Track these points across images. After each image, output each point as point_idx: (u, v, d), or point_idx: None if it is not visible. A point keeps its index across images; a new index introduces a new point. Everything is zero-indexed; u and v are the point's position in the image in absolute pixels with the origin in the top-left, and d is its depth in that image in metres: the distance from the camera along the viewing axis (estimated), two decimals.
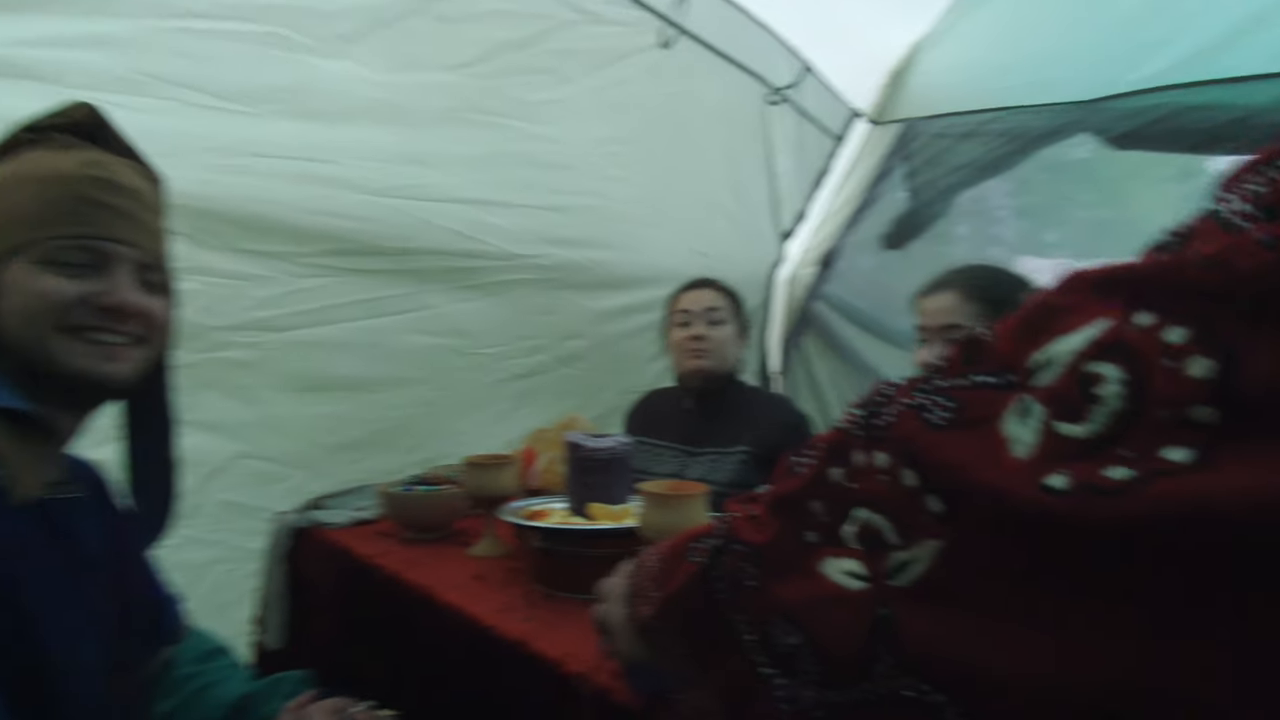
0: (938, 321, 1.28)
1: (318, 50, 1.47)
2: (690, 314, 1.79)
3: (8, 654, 0.71)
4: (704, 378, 1.77)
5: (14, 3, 1.12)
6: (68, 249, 0.79)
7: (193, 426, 1.52)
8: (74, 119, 0.84)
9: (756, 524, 0.52)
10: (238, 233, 1.49)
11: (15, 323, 0.78)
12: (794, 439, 1.68)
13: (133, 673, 0.94)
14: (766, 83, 2.57)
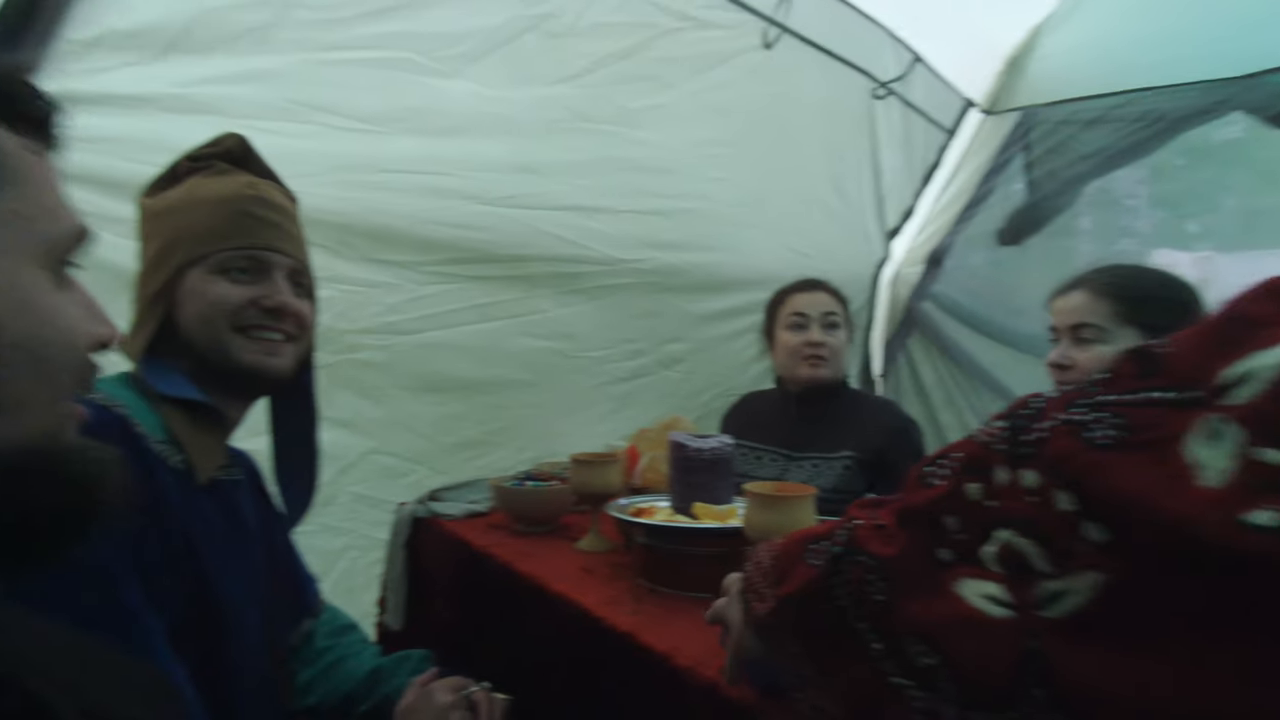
0: (1067, 321, 1.22)
1: (440, 71, 1.58)
2: (806, 318, 1.70)
3: (191, 615, 0.81)
4: (818, 386, 1.69)
5: (190, 47, 1.28)
6: (235, 259, 0.91)
7: (330, 423, 1.67)
8: (226, 147, 0.97)
9: (884, 535, 0.50)
10: (369, 243, 1.63)
11: (195, 324, 0.89)
12: (901, 444, 1.63)
13: (281, 641, 1.05)
14: (872, 77, 2.50)
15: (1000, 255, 2.88)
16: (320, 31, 1.42)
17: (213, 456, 0.90)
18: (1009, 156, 2.83)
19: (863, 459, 1.63)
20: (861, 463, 1.63)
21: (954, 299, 2.97)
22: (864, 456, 1.63)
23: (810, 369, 1.68)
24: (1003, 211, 2.83)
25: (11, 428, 0.38)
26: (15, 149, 0.41)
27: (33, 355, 0.39)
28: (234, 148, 0.98)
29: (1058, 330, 1.25)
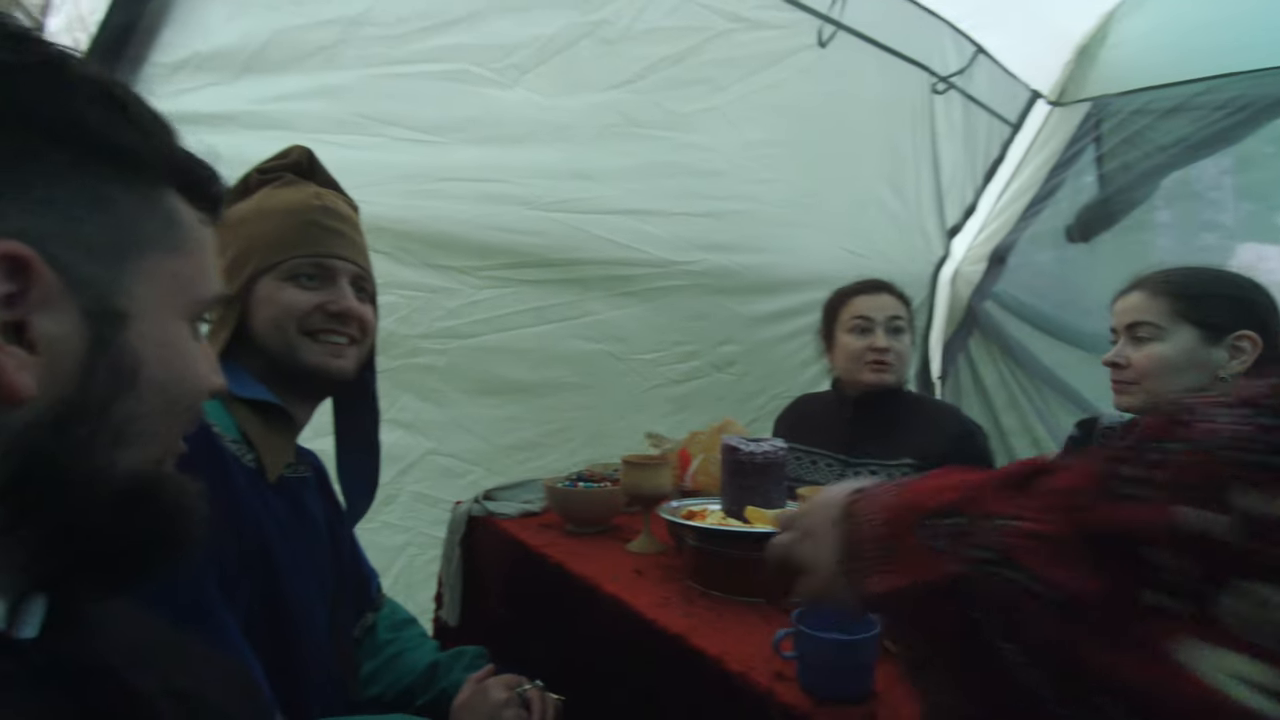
0: (1124, 320, 1.22)
1: (496, 81, 1.62)
2: (871, 321, 1.62)
3: (263, 610, 0.85)
4: (881, 391, 1.63)
5: (265, 66, 1.36)
6: (303, 266, 0.95)
7: (392, 424, 1.74)
8: (294, 159, 1.01)
9: (1050, 551, 0.38)
10: (429, 250, 1.68)
11: (267, 328, 0.94)
12: (966, 452, 1.55)
13: (346, 634, 1.10)
14: (931, 71, 2.43)
15: (1069, 253, 2.76)
16: (384, 47, 1.47)
17: (282, 455, 0.94)
18: (1079, 149, 2.71)
19: (923, 466, 1.57)
20: (921, 470, 1.56)
21: (1018, 298, 2.87)
22: (924, 464, 1.57)
23: (874, 374, 1.61)
24: (1071, 207, 2.71)
25: (133, 458, 0.42)
26: (191, 221, 0.47)
27: (167, 397, 0.43)
28: (301, 159, 1.03)
29: (1116, 331, 1.25)
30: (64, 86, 0.39)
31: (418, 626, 1.24)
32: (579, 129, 1.78)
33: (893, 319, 1.63)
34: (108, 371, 0.40)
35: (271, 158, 1.02)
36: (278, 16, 1.34)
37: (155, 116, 0.45)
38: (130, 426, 0.41)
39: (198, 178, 0.47)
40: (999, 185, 2.93)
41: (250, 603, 0.84)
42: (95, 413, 0.40)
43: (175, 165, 0.45)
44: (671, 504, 1.29)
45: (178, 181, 0.46)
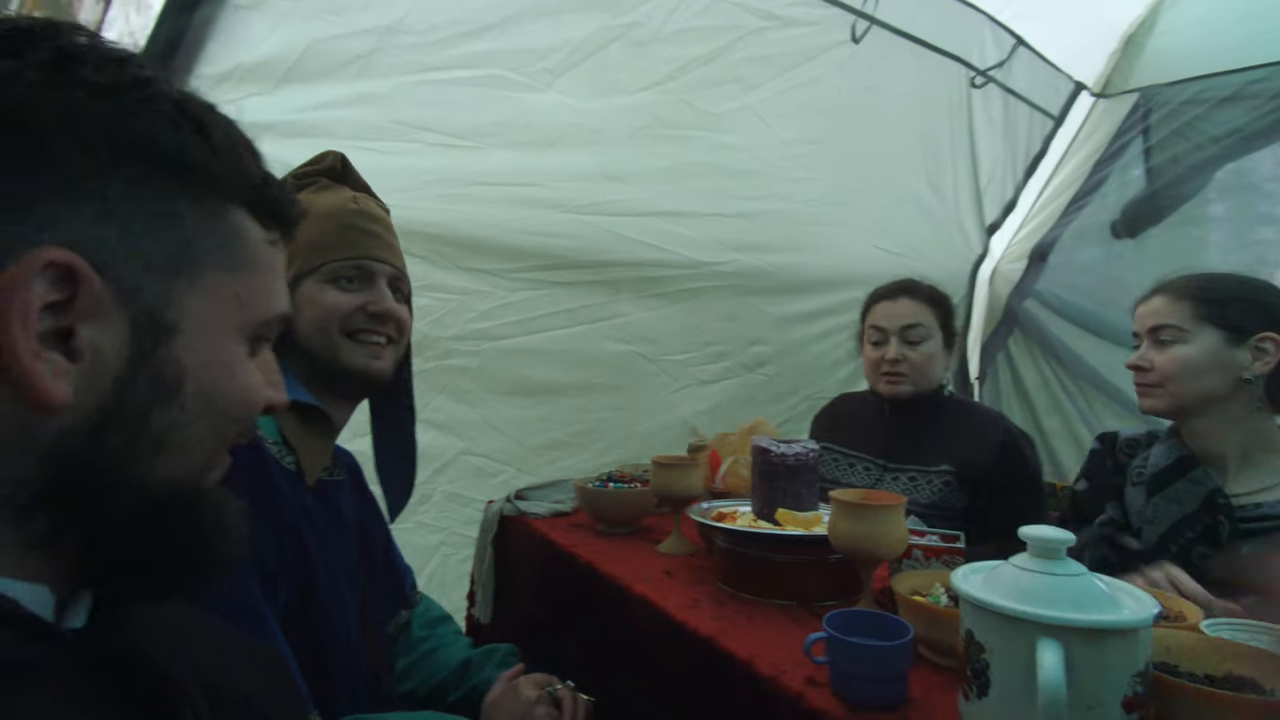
0: (1146, 324, 1.22)
1: (529, 86, 1.64)
2: (884, 332, 1.56)
3: (297, 606, 0.87)
4: (916, 398, 1.57)
5: (303, 76, 1.39)
6: (344, 268, 0.97)
7: (426, 425, 1.76)
8: (328, 164, 1.04)
9: None
10: (462, 253, 1.70)
11: (310, 329, 0.96)
12: (1012, 462, 1.49)
13: (380, 630, 1.11)
14: (969, 65, 2.38)
15: (1114, 249, 2.67)
16: (418, 55, 1.50)
17: (320, 458, 0.96)
18: (1125, 142, 2.62)
19: (964, 474, 1.50)
20: (962, 478, 1.50)
21: (1061, 296, 2.78)
22: (966, 472, 1.50)
23: (889, 385, 1.56)
24: (1117, 202, 2.62)
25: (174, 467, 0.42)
26: (257, 240, 0.46)
27: (212, 410, 0.44)
28: (335, 164, 1.05)
29: (1139, 335, 1.25)
30: (140, 104, 0.40)
31: (452, 624, 1.26)
32: (610, 131, 1.79)
33: (907, 328, 1.55)
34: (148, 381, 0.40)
35: (306, 163, 1.04)
36: (316, 27, 1.37)
37: (233, 135, 0.45)
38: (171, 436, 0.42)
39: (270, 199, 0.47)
40: (1040, 180, 2.85)
41: (287, 600, 0.86)
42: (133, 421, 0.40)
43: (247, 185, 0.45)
44: (701, 505, 1.29)
45: (249, 201, 0.46)
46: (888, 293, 1.63)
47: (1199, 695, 0.64)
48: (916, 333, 1.54)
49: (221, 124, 0.44)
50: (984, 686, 0.66)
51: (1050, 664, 0.58)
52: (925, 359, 1.55)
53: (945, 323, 1.60)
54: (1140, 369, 1.21)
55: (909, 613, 0.87)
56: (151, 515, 0.42)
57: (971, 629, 0.68)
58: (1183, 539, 1.14)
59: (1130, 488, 1.26)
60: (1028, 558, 0.68)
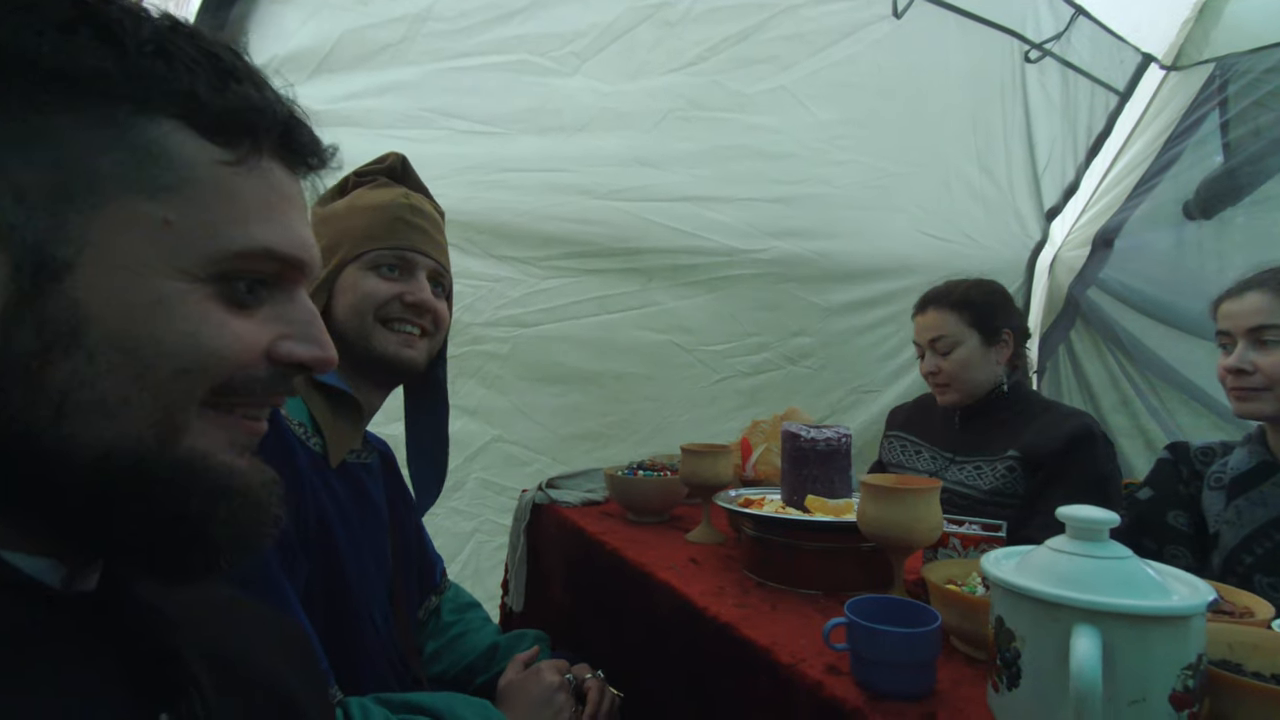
0: (1244, 324, 1.15)
1: (556, 70, 1.63)
2: (919, 346, 1.61)
3: (320, 585, 0.88)
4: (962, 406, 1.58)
5: (336, 65, 1.42)
6: (385, 257, 0.98)
7: (458, 411, 1.77)
8: (389, 164, 1.06)
9: None
10: (492, 240, 1.71)
11: (347, 314, 0.97)
12: (1080, 453, 1.41)
13: (409, 613, 1.12)
14: (1023, 38, 2.25)
15: (1187, 232, 2.49)
16: (448, 42, 1.51)
17: (347, 442, 0.97)
18: (1200, 116, 2.44)
19: (1028, 460, 1.45)
20: (1026, 464, 1.45)
21: (1128, 284, 2.61)
22: (1031, 459, 1.45)
23: (939, 395, 1.59)
24: (1191, 181, 2.45)
25: (103, 432, 0.36)
26: (200, 159, 0.39)
27: (133, 358, 0.37)
28: (395, 164, 1.07)
29: (1230, 335, 1.18)
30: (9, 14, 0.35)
31: (481, 610, 1.26)
32: (640, 115, 1.76)
33: (935, 340, 1.55)
34: (35, 329, 0.34)
35: (370, 162, 1.06)
36: (347, 17, 1.39)
37: (172, 40, 0.38)
38: (79, 394, 0.35)
39: (223, 109, 0.39)
40: (1105, 161, 2.68)
41: (309, 579, 0.87)
42: (23, 376, 0.34)
43: (176, 94, 0.37)
44: (729, 493, 1.25)
45: (185, 113, 0.38)
46: (918, 307, 1.65)
47: (1266, 695, 0.57)
48: (944, 343, 1.55)
49: (157, 30, 0.38)
50: (1014, 677, 0.60)
51: (1083, 652, 0.52)
52: (960, 366, 1.53)
53: (980, 322, 1.55)
54: (1242, 372, 1.14)
55: (940, 602, 0.82)
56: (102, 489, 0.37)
57: (1002, 615, 0.62)
58: (1271, 541, 1.09)
59: (1208, 491, 1.23)
60: (1066, 540, 0.62)
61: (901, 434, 1.69)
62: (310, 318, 0.44)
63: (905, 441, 1.68)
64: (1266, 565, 1.08)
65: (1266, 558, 1.08)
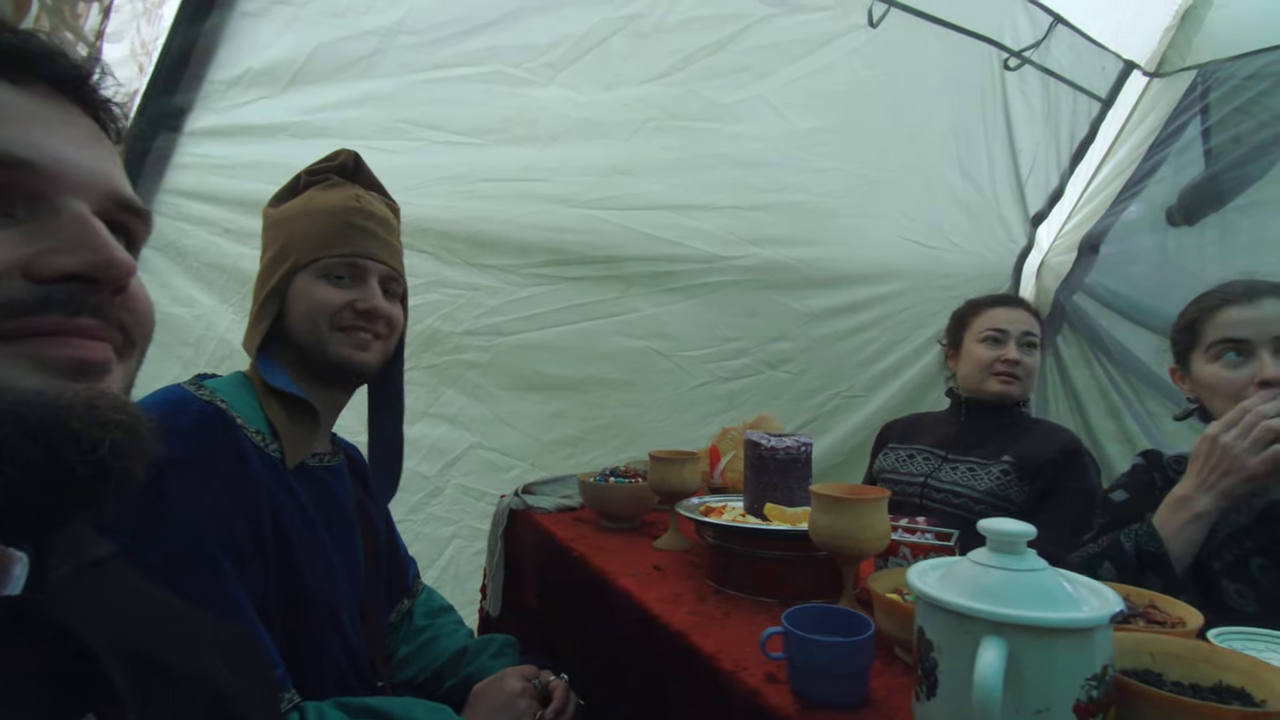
0: (1268, 332, 1.08)
1: (532, 81, 1.65)
2: (1006, 334, 1.64)
3: (278, 591, 0.89)
4: (1007, 402, 1.64)
5: (310, 78, 1.44)
6: (336, 265, 0.99)
7: (437, 419, 1.80)
8: (340, 162, 1.06)
9: None
10: (471, 249, 1.72)
11: (301, 322, 0.98)
12: (1072, 466, 1.50)
13: (378, 616, 1.13)
14: (1002, 46, 2.26)
15: (1171, 238, 2.49)
16: (421, 54, 1.53)
17: (304, 446, 0.98)
18: (1183, 123, 2.45)
19: (1023, 467, 1.52)
20: (1022, 471, 1.52)
21: (1114, 289, 2.62)
22: (1025, 465, 1.52)
23: (1001, 385, 1.63)
24: (1174, 187, 2.45)
25: None
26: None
27: None
28: (347, 162, 1.08)
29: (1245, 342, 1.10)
30: None
31: (454, 615, 1.27)
32: (617, 125, 1.78)
33: (1027, 334, 1.64)
34: None
35: (321, 160, 1.07)
36: (320, 30, 1.42)
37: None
38: None
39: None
40: (1089, 167, 2.69)
41: (266, 584, 0.88)
42: None
43: None
44: (692, 500, 1.26)
45: None
46: (1004, 300, 1.73)
47: (1174, 705, 0.58)
48: (1033, 339, 1.65)
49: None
50: (933, 687, 0.61)
51: (987, 663, 0.54)
52: (1035, 365, 1.65)
53: (1043, 339, 1.70)
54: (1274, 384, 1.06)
55: (881, 611, 0.83)
56: None
57: (923, 626, 0.63)
58: (1240, 549, 1.08)
59: None
60: (986, 552, 0.63)
61: (898, 445, 1.75)
62: (80, 228, 0.41)
63: (899, 450, 1.73)
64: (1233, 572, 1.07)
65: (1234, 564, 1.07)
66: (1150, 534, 1.08)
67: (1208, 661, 0.65)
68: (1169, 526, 1.07)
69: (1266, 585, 1.04)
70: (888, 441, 1.80)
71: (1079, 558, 1.15)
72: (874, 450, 1.84)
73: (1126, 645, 0.67)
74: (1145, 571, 1.06)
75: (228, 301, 1.45)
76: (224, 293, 1.44)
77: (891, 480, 1.69)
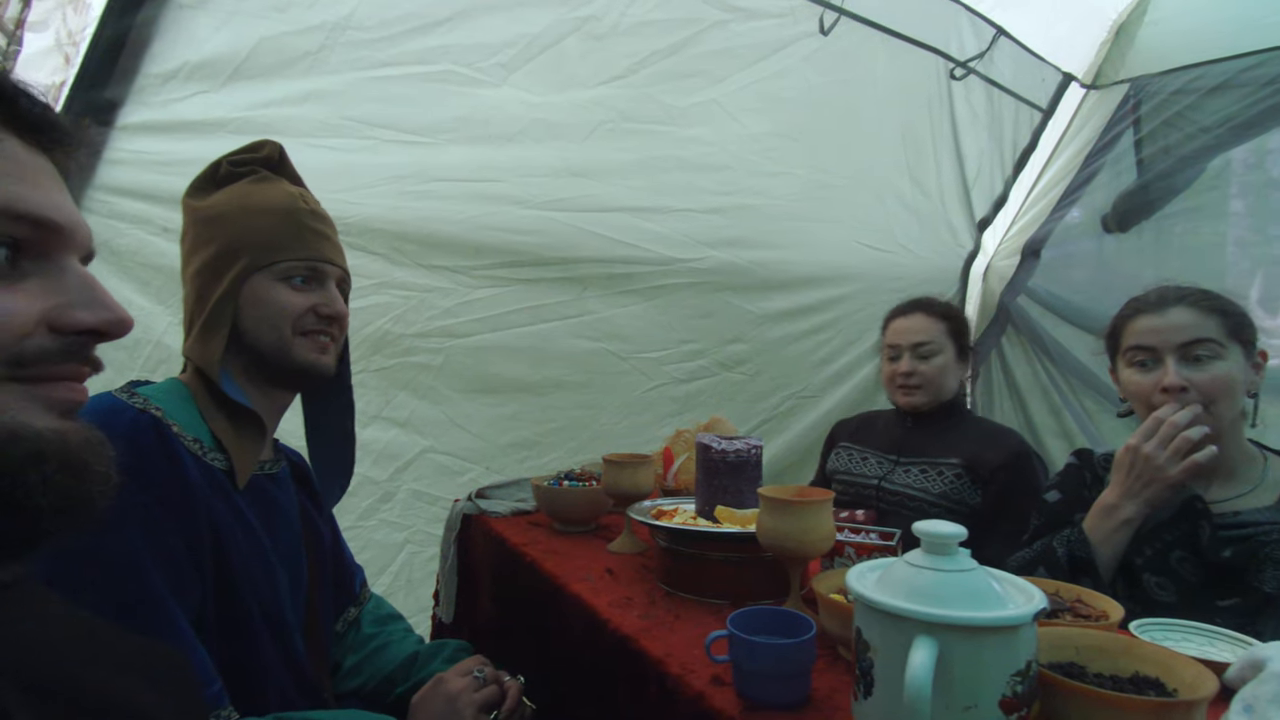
0: (1176, 339, 1.12)
1: (483, 81, 1.63)
2: (899, 348, 1.68)
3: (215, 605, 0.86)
4: (920, 411, 1.68)
5: (252, 73, 1.40)
6: (295, 269, 0.96)
7: (388, 422, 1.76)
8: (266, 154, 1.02)
9: None
10: (422, 250, 1.70)
11: (260, 327, 0.94)
12: (1019, 469, 1.55)
13: (322, 627, 1.10)
14: (948, 56, 2.33)
15: (1107, 243, 2.60)
16: (369, 51, 1.50)
17: (252, 457, 0.95)
18: (1117, 134, 2.56)
19: (974, 470, 1.57)
20: (971, 472, 1.57)
21: (1053, 292, 2.72)
22: (974, 467, 1.57)
23: (905, 397, 1.67)
24: (1109, 195, 2.57)
25: None
26: None
27: None
28: (273, 155, 1.03)
29: (1153, 350, 1.14)
30: None
31: (403, 622, 1.25)
32: (571, 126, 1.77)
33: (918, 345, 1.65)
34: None
35: (242, 149, 1.02)
36: (263, 24, 1.38)
37: None
38: None
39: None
40: (1032, 175, 2.79)
41: (204, 598, 0.85)
42: None
43: None
44: (644, 504, 1.27)
45: None
46: (902, 310, 1.75)
47: (1093, 697, 0.61)
48: (928, 348, 1.66)
49: None
50: (869, 686, 0.63)
51: (917, 663, 0.55)
52: (937, 371, 1.66)
53: (958, 337, 1.70)
54: (1181, 389, 1.10)
55: (826, 611, 0.85)
56: None
57: (860, 627, 0.65)
58: (1160, 543, 1.13)
59: None
60: (920, 554, 0.65)
61: (849, 444, 1.78)
62: (88, 284, 0.46)
63: (852, 450, 1.77)
64: (1154, 566, 1.12)
65: (1155, 559, 1.12)
66: (1081, 541, 1.13)
67: (1126, 654, 0.69)
68: (1098, 533, 1.13)
69: (1185, 576, 1.09)
70: (839, 440, 1.84)
71: (1016, 562, 1.19)
72: (825, 450, 1.88)
73: (1053, 640, 0.70)
74: (1077, 575, 1.10)
75: (165, 303, 1.40)
76: (160, 294, 1.38)
77: (846, 481, 1.73)
